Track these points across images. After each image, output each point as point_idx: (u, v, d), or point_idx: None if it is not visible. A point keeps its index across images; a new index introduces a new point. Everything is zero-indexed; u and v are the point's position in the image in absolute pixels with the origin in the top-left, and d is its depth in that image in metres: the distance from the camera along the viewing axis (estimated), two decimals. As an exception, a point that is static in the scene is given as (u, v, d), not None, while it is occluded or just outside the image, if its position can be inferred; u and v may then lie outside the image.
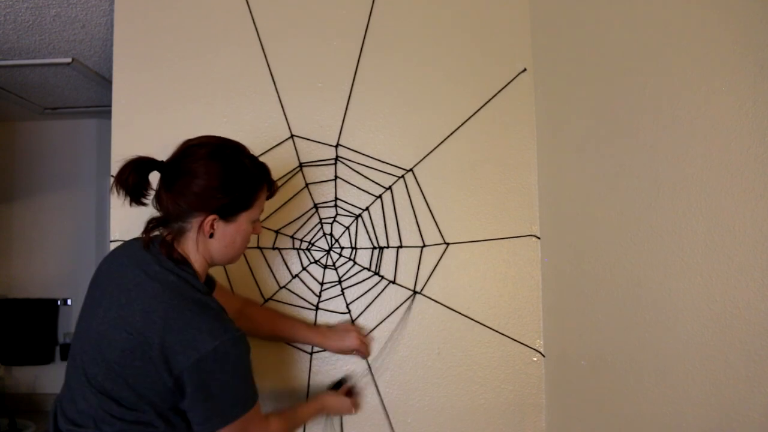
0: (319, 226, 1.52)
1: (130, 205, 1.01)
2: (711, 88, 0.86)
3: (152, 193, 1.04)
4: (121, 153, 1.50)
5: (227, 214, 1.04)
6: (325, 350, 1.47)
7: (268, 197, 1.16)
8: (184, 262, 1.04)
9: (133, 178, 0.98)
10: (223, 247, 1.07)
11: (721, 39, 0.85)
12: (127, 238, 1.43)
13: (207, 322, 0.97)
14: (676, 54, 0.95)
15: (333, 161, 1.52)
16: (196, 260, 1.06)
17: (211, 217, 1.02)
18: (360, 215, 1.52)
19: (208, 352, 0.94)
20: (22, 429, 2.50)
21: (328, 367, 1.49)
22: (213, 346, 0.94)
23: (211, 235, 1.04)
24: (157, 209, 1.05)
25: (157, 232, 1.07)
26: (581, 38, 1.29)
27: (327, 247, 1.52)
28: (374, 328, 1.49)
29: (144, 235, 1.06)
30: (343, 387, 1.43)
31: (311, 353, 1.49)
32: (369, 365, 1.48)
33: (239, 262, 1.49)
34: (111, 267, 1.07)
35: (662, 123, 0.98)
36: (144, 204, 1.03)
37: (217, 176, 1.02)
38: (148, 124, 1.53)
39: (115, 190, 0.99)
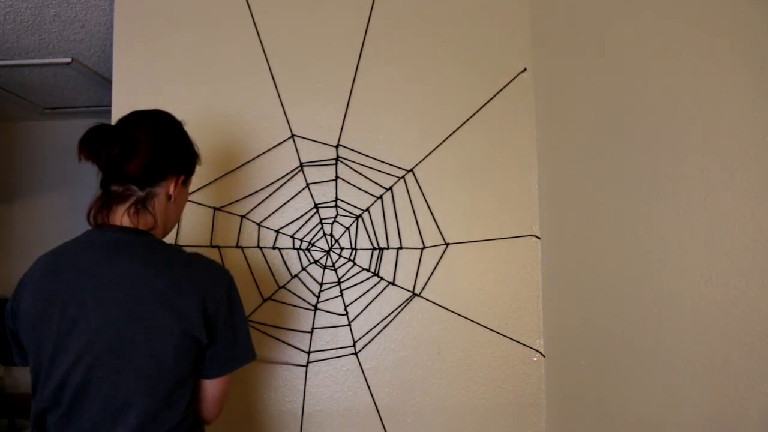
0: (319, 226, 1.52)
1: (103, 173, 0.99)
2: (711, 88, 0.86)
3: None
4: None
5: (188, 175, 1.10)
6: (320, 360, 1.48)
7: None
8: (146, 233, 1.02)
9: (114, 149, 0.96)
10: (176, 212, 1.10)
11: (721, 39, 0.85)
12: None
13: (206, 267, 1.02)
14: (677, 54, 0.95)
15: (334, 161, 1.52)
16: (158, 229, 1.05)
17: (180, 179, 1.06)
18: (360, 216, 1.52)
19: (224, 289, 1.00)
20: (22, 429, 2.50)
21: (324, 385, 1.49)
22: (226, 282, 1.02)
23: (170, 198, 1.06)
24: (112, 184, 1.01)
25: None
26: (581, 38, 1.29)
27: (327, 248, 1.52)
28: (372, 328, 1.49)
29: (94, 217, 1.02)
30: None
31: (306, 365, 1.49)
32: (362, 367, 1.48)
33: (239, 260, 1.50)
34: (68, 278, 0.96)
35: (662, 123, 0.98)
36: (106, 172, 1.01)
37: (182, 137, 1.08)
38: (148, 124, 1.53)
39: (83, 159, 0.96)
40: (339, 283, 1.51)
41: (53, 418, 0.95)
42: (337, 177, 1.52)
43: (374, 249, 1.51)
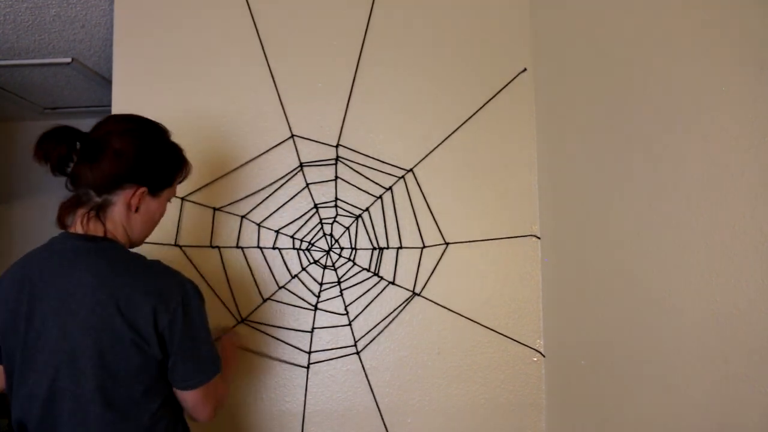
0: (319, 226, 1.52)
1: (54, 174, 0.97)
2: (711, 88, 0.86)
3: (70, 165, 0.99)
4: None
5: (155, 188, 1.05)
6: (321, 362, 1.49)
7: (182, 179, 1.14)
8: (106, 240, 1.00)
9: (62, 149, 0.95)
10: (143, 223, 1.06)
11: (721, 39, 0.85)
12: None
13: (162, 277, 0.99)
14: (676, 54, 0.95)
15: (333, 161, 1.52)
16: (121, 235, 1.03)
17: (141, 190, 1.01)
18: (360, 216, 1.52)
19: (177, 299, 0.96)
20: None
21: (324, 385, 1.49)
22: (181, 293, 0.97)
23: (137, 210, 1.03)
24: (74, 187, 1.00)
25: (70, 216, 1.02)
26: (581, 38, 1.29)
27: (327, 248, 1.52)
28: (372, 328, 1.49)
29: (62, 220, 1.02)
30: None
31: (308, 366, 1.49)
32: (364, 368, 1.48)
33: (239, 260, 1.50)
34: (32, 290, 0.96)
35: (662, 123, 0.98)
36: (66, 174, 0.99)
37: (153, 148, 1.03)
38: (148, 124, 1.53)
39: (36, 159, 0.94)
40: (339, 282, 1.51)
41: (32, 428, 0.96)
42: (336, 177, 1.52)
43: (374, 249, 1.51)
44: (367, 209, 1.52)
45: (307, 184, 1.52)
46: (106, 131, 1.00)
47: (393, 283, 1.50)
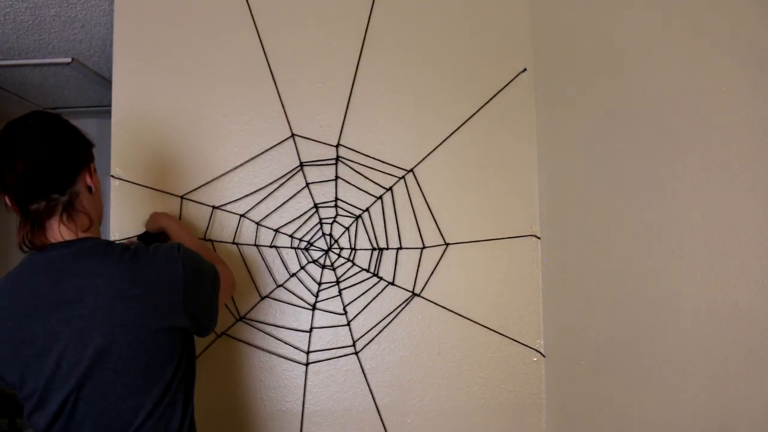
0: (318, 226, 1.52)
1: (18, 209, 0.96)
2: (711, 88, 0.86)
3: None
4: (121, 153, 1.51)
5: (93, 160, 1.05)
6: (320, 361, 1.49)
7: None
8: (82, 239, 0.98)
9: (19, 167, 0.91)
10: (99, 200, 1.06)
11: (721, 39, 0.85)
12: (128, 236, 1.44)
13: (155, 253, 0.99)
14: (677, 54, 0.95)
15: (334, 161, 1.52)
16: (93, 224, 1.02)
17: (92, 166, 1.03)
18: (360, 216, 1.51)
19: (180, 263, 0.99)
20: (22, 429, 2.50)
21: (324, 385, 1.49)
22: (180, 257, 0.99)
23: (91, 190, 1.03)
24: (26, 206, 0.96)
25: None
26: (581, 38, 1.29)
27: (326, 247, 1.52)
28: (371, 328, 1.49)
29: (32, 239, 0.97)
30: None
31: (306, 364, 1.49)
32: (362, 367, 1.48)
33: (237, 258, 1.50)
34: (28, 312, 0.93)
35: (662, 123, 0.98)
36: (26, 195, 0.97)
37: (72, 127, 1.03)
38: (148, 124, 1.53)
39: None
40: (338, 282, 1.51)
41: None
42: (337, 177, 1.52)
43: (374, 249, 1.51)
44: (367, 209, 1.52)
45: (307, 184, 1.52)
46: (28, 136, 0.95)
47: (392, 283, 1.50)
